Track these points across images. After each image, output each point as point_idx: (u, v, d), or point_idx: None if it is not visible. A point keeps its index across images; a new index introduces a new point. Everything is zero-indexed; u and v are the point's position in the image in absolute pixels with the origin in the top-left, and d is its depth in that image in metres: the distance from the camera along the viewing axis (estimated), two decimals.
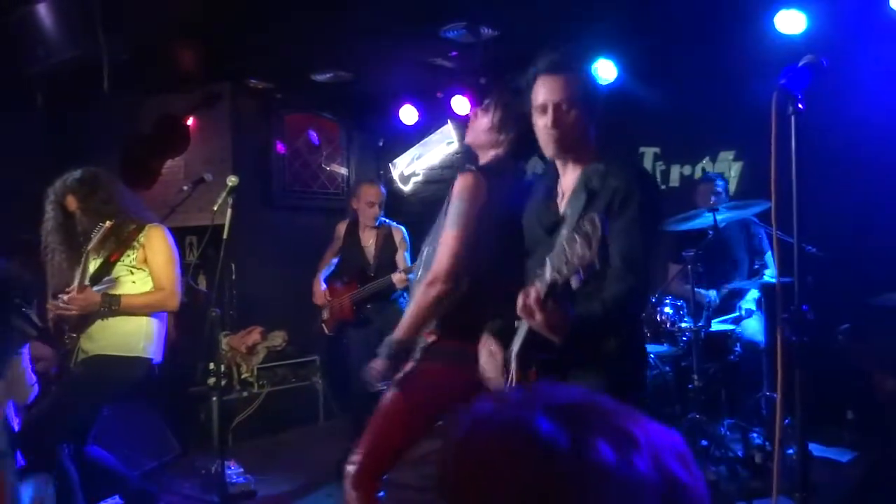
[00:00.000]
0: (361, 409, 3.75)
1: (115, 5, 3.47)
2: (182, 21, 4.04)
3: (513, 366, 1.91)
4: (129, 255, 3.07)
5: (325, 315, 4.57)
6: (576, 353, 1.84)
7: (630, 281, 1.82)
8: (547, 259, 1.72)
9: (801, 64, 1.82)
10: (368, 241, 4.57)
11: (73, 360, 3.04)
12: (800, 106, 1.77)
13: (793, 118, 1.79)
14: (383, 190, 4.62)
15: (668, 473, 0.62)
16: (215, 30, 4.27)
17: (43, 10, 3.47)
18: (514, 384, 1.90)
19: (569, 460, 0.60)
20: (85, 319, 3.00)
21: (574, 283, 1.62)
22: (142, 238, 3.09)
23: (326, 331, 4.59)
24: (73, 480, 2.91)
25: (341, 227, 4.69)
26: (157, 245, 3.09)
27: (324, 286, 4.60)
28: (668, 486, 0.62)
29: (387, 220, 4.61)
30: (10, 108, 4.23)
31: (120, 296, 2.98)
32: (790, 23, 3.98)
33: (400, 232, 4.60)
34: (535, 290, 1.70)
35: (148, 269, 3.09)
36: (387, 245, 4.55)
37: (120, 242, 3.05)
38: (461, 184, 2.25)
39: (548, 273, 1.67)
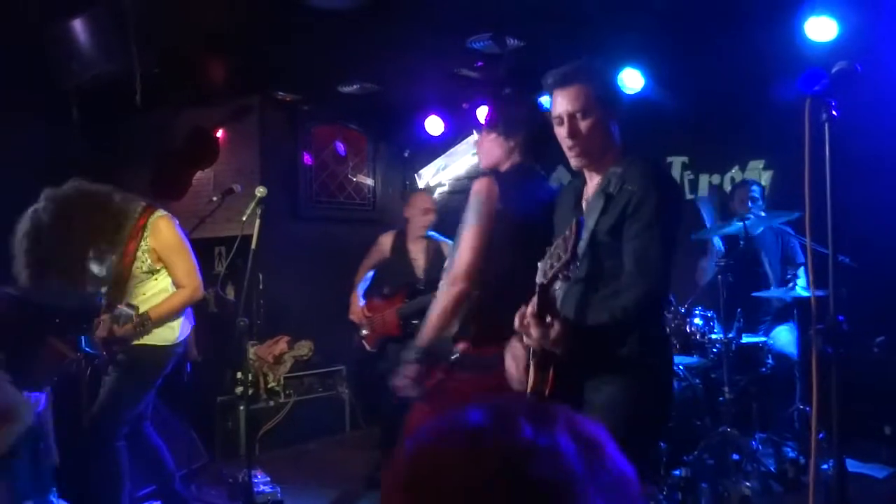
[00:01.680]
0: (393, 421, 3.73)
1: (148, 21, 3.54)
2: (212, 35, 4.11)
3: (531, 368, 1.90)
4: (142, 262, 3.08)
5: (366, 331, 4.35)
6: (593, 359, 1.84)
7: (642, 286, 1.82)
8: (538, 265, 1.76)
9: (834, 70, 1.78)
10: (417, 254, 4.39)
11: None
12: (833, 112, 1.73)
13: (826, 125, 1.75)
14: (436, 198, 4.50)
15: (588, 441, 0.71)
16: (244, 43, 4.34)
17: (78, 26, 3.56)
18: (532, 388, 1.87)
19: (494, 438, 0.69)
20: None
21: (558, 285, 1.70)
22: (147, 239, 3.07)
23: (368, 347, 4.37)
24: (123, 468, 3.04)
25: (386, 239, 4.50)
26: (165, 240, 3.09)
27: (362, 302, 4.40)
28: (591, 452, 0.70)
29: (434, 234, 4.46)
30: (47, 122, 4.34)
31: (148, 313, 3.02)
32: (821, 30, 3.92)
33: (448, 246, 4.36)
34: (529, 307, 1.73)
35: (163, 266, 3.12)
36: (437, 259, 4.34)
37: (125, 247, 3.04)
38: (475, 187, 2.30)
39: (538, 277, 1.72)
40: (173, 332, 3.12)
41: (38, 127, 4.34)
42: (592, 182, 2.04)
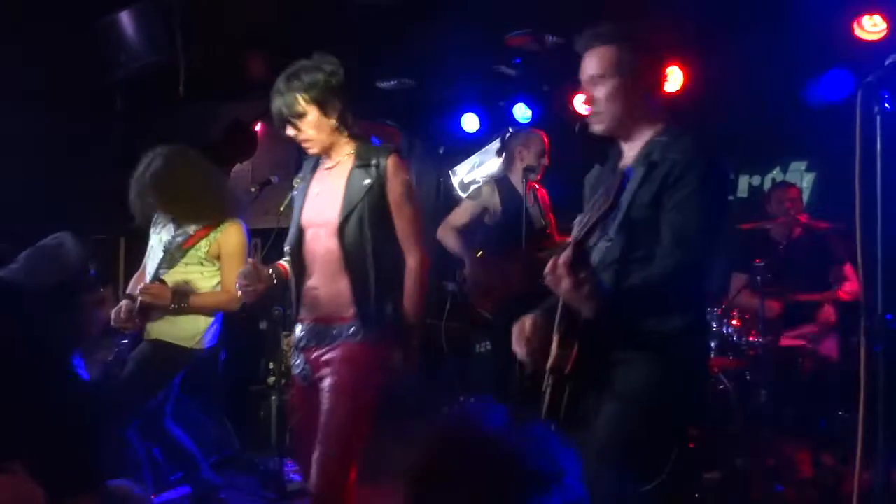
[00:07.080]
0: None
1: (192, 14, 3.61)
2: (253, 30, 4.17)
3: (553, 343, 1.79)
4: (201, 247, 3.12)
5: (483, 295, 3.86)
6: (620, 332, 1.73)
7: (677, 257, 1.71)
8: (576, 219, 1.74)
9: (888, 61, 1.73)
10: (530, 201, 3.92)
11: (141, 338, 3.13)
12: (886, 105, 1.68)
13: (878, 118, 1.70)
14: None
15: None
16: (283, 39, 4.39)
17: (126, 18, 3.65)
18: (554, 362, 1.77)
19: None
20: (153, 306, 3.04)
21: (595, 240, 1.68)
22: (219, 232, 3.14)
23: (487, 314, 3.87)
24: (141, 456, 3.05)
25: (487, 188, 4.09)
26: (233, 243, 3.13)
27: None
28: None
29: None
30: (92, 112, 4.44)
31: (189, 296, 3.05)
32: (870, 28, 3.82)
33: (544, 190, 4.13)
34: (564, 255, 1.60)
35: (218, 265, 3.15)
36: (544, 207, 4.06)
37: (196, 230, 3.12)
38: None
39: (575, 230, 1.69)
40: (198, 335, 3.10)
41: (84, 117, 4.43)
42: (630, 152, 1.92)
